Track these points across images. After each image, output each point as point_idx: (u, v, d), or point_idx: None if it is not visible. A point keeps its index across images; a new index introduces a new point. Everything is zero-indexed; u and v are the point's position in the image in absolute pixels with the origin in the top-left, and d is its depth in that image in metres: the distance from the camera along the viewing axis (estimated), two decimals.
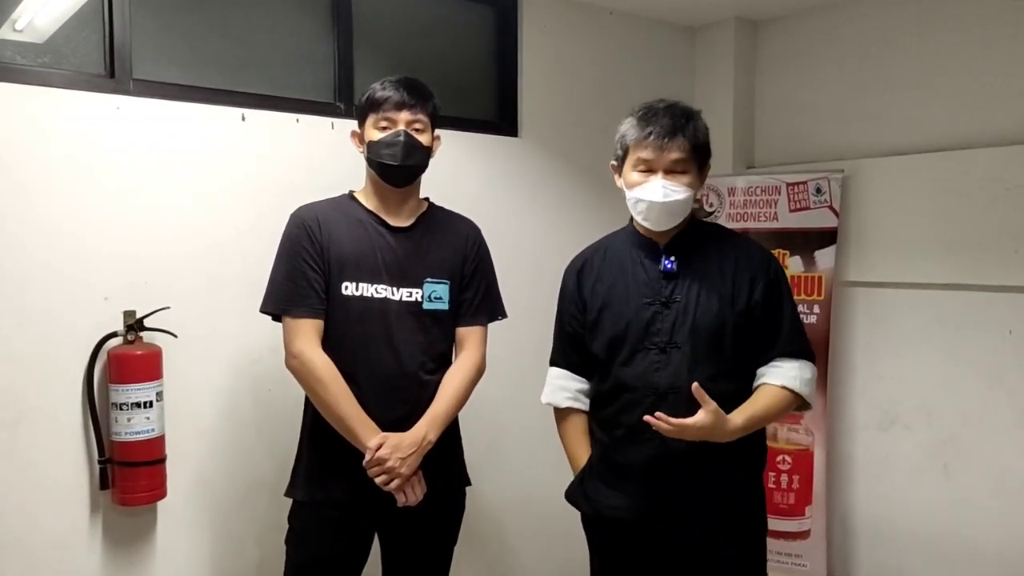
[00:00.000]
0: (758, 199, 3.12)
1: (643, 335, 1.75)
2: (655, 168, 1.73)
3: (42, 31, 2.17)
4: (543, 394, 1.97)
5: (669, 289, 1.76)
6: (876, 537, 3.03)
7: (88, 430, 2.13)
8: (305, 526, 1.95)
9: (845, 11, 3.12)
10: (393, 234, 1.97)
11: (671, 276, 1.77)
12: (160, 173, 2.24)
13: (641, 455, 1.74)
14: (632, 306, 1.77)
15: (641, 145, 1.74)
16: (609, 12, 3.21)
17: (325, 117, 2.53)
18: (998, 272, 2.68)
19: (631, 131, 1.77)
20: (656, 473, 1.74)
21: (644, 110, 1.77)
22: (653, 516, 1.75)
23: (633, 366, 1.75)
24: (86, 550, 2.16)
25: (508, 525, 2.99)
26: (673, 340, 1.72)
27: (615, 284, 1.82)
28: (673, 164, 1.73)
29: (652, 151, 1.72)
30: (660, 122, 1.72)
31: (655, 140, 1.72)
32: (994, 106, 2.74)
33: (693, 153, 1.75)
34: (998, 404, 2.71)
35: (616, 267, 1.84)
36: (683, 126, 1.73)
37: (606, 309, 1.81)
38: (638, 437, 1.74)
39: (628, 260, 1.83)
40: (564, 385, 1.92)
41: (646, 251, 1.81)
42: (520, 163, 2.99)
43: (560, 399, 1.92)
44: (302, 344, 1.88)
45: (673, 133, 1.72)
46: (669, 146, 1.72)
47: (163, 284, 2.23)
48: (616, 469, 1.80)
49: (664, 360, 1.73)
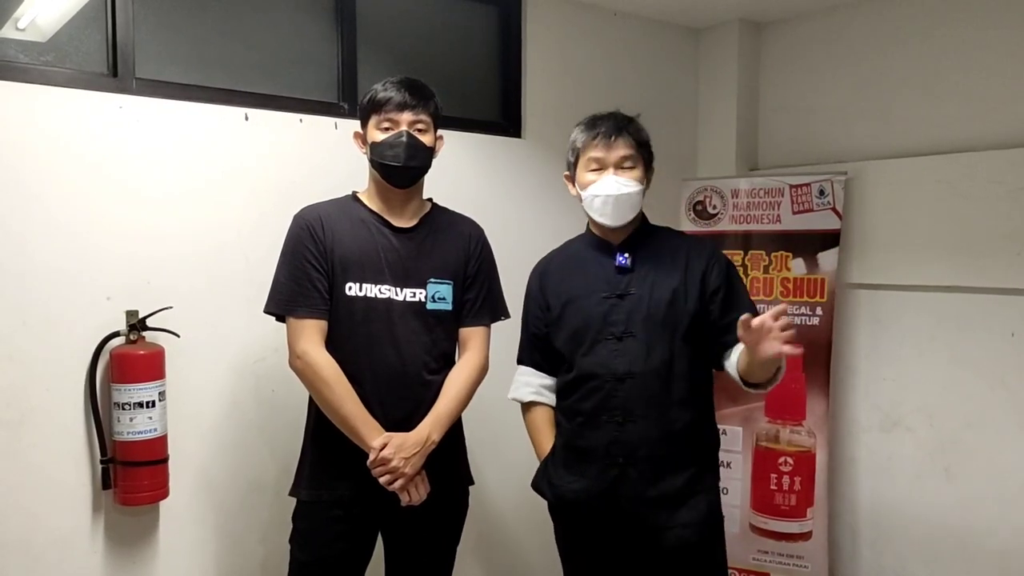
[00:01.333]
0: (761, 201, 3.12)
1: (601, 327, 1.88)
2: (606, 165, 1.90)
3: (45, 30, 2.16)
4: (510, 390, 2.07)
5: (624, 283, 1.90)
6: (878, 539, 3.03)
7: (90, 430, 2.13)
8: (309, 526, 1.95)
9: (849, 13, 3.12)
10: (396, 235, 1.97)
11: (625, 271, 1.91)
12: (163, 173, 2.24)
13: (601, 439, 1.86)
14: (591, 301, 1.91)
15: (591, 145, 1.91)
16: (613, 13, 3.21)
17: (328, 117, 2.53)
18: (1001, 274, 2.68)
19: (580, 136, 1.95)
20: (613, 457, 1.84)
21: (589, 119, 1.96)
22: (609, 498, 1.85)
23: (593, 356, 1.88)
24: (88, 550, 2.16)
25: (511, 524, 2.99)
26: (629, 330, 1.86)
27: (575, 283, 1.96)
28: (622, 160, 1.90)
29: (601, 149, 1.90)
30: (605, 124, 1.91)
31: (603, 139, 1.89)
32: (998, 108, 2.73)
33: (638, 150, 1.92)
34: (1000, 406, 2.71)
35: (575, 267, 1.99)
36: (626, 125, 1.92)
37: (568, 306, 1.95)
38: (597, 421, 1.86)
39: (586, 260, 1.98)
40: (528, 381, 2.04)
41: (602, 250, 1.96)
42: (523, 164, 2.99)
43: (524, 394, 2.05)
44: (306, 344, 1.88)
45: (619, 131, 1.90)
46: (616, 143, 1.89)
47: (166, 284, 2.23)
48: (577, 453, 1.91)
49: (621, 348, 1.86)
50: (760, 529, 3.04)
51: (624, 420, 1.83)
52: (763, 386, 1.84)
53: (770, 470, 3.03)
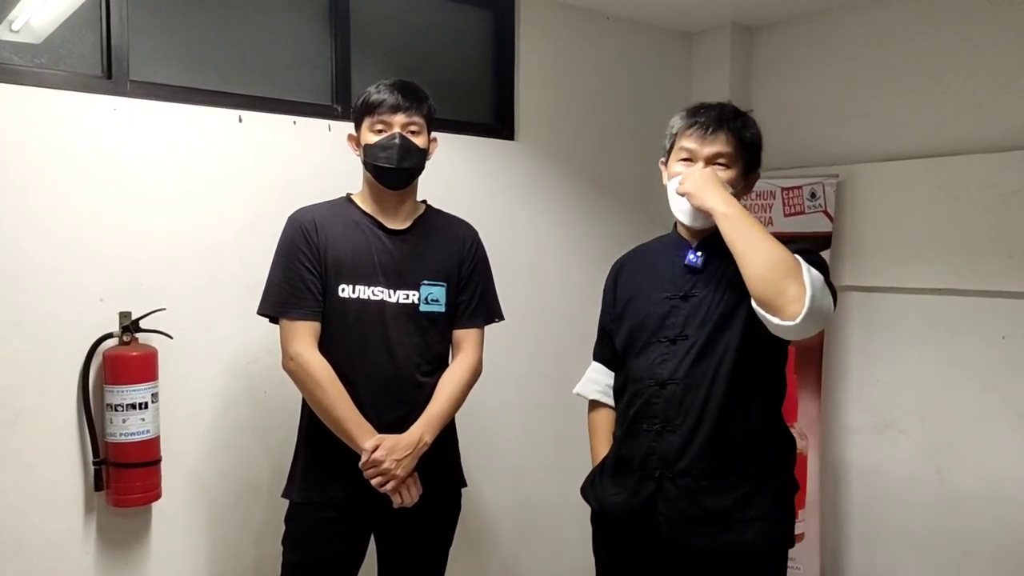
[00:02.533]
0: (753, 203, 3.14)
1: (658, 328, 1.74)
2: (696, 159, 1.72)
3: (39, 32, 2.16)
4: (577, 384, 1.99)
5: (690, 284, 1.74)
6: (870, 541, 3.04)
7: (83, 431, 2.13)
8: (301, 527, 1.95)
9: (840, 17, 3.14)
10: (390, 236, 1.97)
11: (695, 271, 1.75)
12: (157, 175, 2.24)
13: (639, 449, 1.73)
14: (652, 300, 1.77)
15: (685, 134, 1.74)
16: (606, 17, 3.22)
17: (322, 119, 2.53)
18: (992, 277, 2.69)
19: (679, 121, 1.77)
20: (650, 469, 1.70)
21: (696, 105, 1.78)
22: (647, 515, 1.70)
23: (643, 358, 1.75)
24: (81, 551, 2.15)
25: (503, 527, 2.99)
26: (683, 332, 1.70)
27: (643, 280, 1.84)
28: (715, 156, 1.71)
29: (695, 140, 1.72)
30: (708, 114, 1.73)
31: (699, 130, 1.71)
32: (989, 112, 2.75)
33: (738, 148, 1.72)
34: (991, 409, 2.72)
35: (648, 264, 1.86)
36: (730, 120, 1.72)
37: (630, 303, 1.83)
38: (637, 430, 1.74)
39: (659, 257, 1.84)
40: (596, 378, 1.94)
41: (678, 249, 1.80)
42: (517, 166, 3.00)
43: (589, 390, 1.95)
44: (299, 346, 1.88)
45: (720, 124, 1.71)
46: (713, 137, 1.70)
47: (159, 285, 2.23)
48: (620, 463, 1.79)
49: (671, 352, 1.71)
50: None
51: (663, 429, 1.67)
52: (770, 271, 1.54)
53: None
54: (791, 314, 1.51)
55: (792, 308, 1.50)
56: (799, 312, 1.50)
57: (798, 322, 1.50)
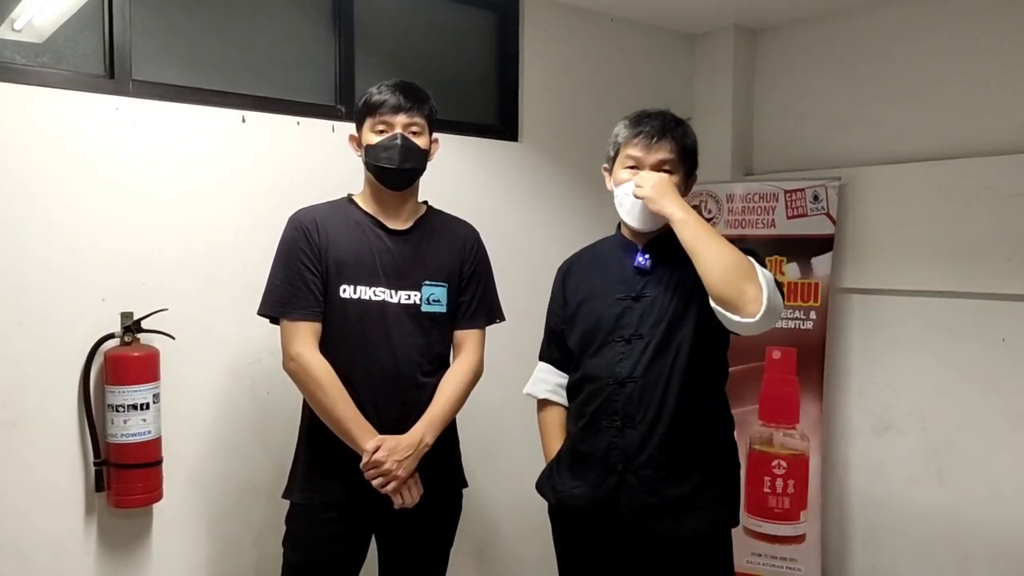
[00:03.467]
0: (756, 206, 3.14)
1: (612, 328, 1.82)
2: (642, 166, 1.81)
3: (41, 31, 2.16)
4: (526, 385, 2.04)
5: (641, 285, 1.83)
6: (870, 542, 3.04)
7: (84, 432, 2.13)
8: (302, 528, 1.95)
9: (843, 20, 3.14)
10: (391, 237, 1.97)
11: (644, 272, 1.84)
12: (159, 174, 2.24)
13: (600, 444, 1.80)
14: (606, 301, 1.85)
15: (631, 143, 1.83)
16: (610, 19, 3.22)
17: (326, 120, 2.53)
18: (992, 280, 2.70)
19: (623, 130, 1.86)
20: (612, 463, 1.78)
21: (638, 114, 1.87)
22: (610, 506, 1.78)
23: (599, 357, 1.83)
24: (81, 552, 2.15)
25: (504, 527, 2.99)
26: (638, 332, 1.79)
27: (594, 282, 1.91)
28: (659, 163, 1.81)
29: (640, 148, 1.81)
30: (651, 123, 1.82)
31: (644, 139, 1.81)
32: (990, 115, 2.75)
33: (680, 155, 1.83)
34: (991, 411, 2.72)
35: (598, 266, 1.93)
36: (672, 128, 1.82)
37: (583, 304, 1.90)
38: (598, 426, 1.81)
39: (608, 260, 1.92)
40: (545, 378, 2.01)
41: (626, 251, 1.89)
42: (520, 167, 3.00)
43: (539, 390, 2.01)
44: (300, 347, 1.88)
45: (663, 133, 1.81)
46: (657, 146, 1.80)
47: (161, 286, 2.23)
48: (580, 458, 1.86)
49: (627, 351, 1.79)
50: (754, 532, 3.05)
51: (623, 425, 1.77)
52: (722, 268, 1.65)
53: (764, 473, 3.04)
54: (750, 312, 1.63)
55: (751, 307, 1.63)
56: (758, 311, 1.62)
57: (757, 319, 1.63)
